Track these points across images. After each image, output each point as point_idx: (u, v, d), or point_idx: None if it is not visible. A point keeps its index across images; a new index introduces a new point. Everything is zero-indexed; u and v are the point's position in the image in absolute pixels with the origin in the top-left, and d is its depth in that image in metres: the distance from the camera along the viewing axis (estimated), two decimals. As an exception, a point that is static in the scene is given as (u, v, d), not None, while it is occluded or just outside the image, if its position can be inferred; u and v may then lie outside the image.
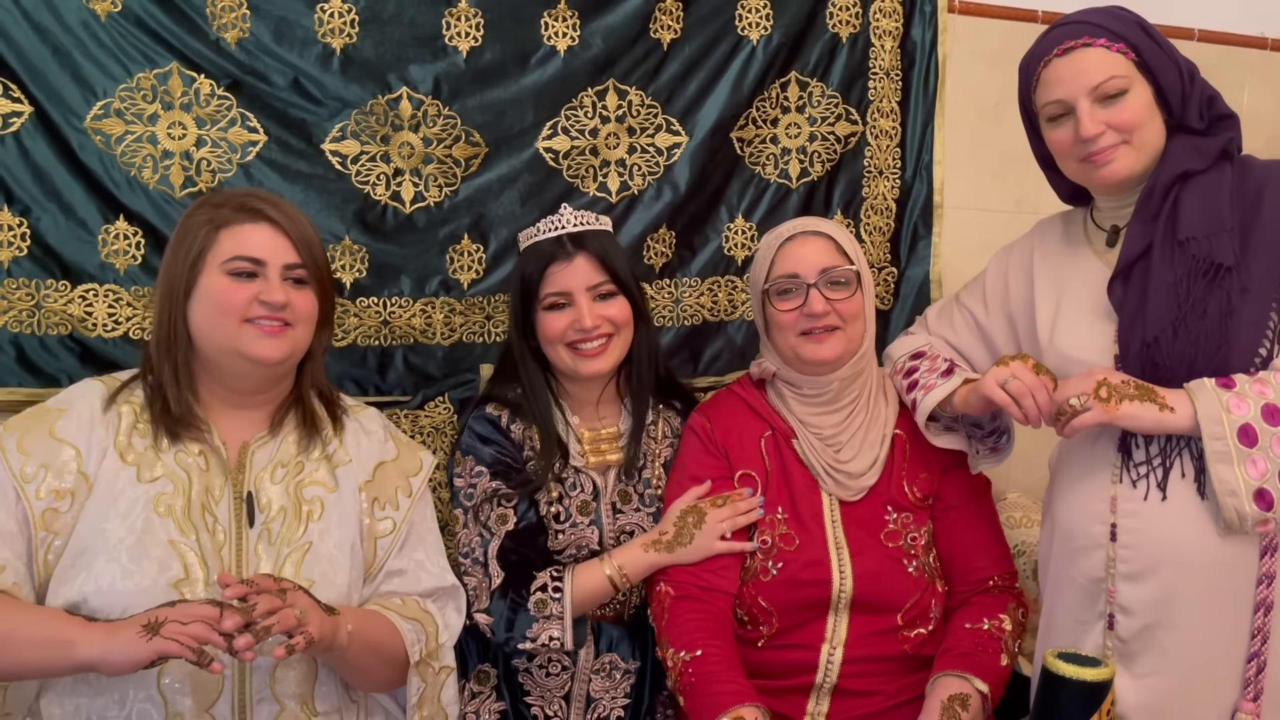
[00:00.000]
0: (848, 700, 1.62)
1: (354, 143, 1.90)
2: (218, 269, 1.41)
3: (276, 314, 1.41)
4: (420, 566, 1.55)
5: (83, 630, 1.25)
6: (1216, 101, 1.51)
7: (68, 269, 1.81)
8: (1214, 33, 2.51)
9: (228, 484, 1.41)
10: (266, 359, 1.40)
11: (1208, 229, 1.41)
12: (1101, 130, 1.46)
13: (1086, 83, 1.45)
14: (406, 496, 1.54)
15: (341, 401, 1.57)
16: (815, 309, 1.63)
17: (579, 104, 2.00)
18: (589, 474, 1.73)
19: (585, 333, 1.66)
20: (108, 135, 1.80)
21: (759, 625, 1.65)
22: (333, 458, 1.49)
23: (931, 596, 1.66)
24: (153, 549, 1.34)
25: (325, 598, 1.40)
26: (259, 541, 1.40)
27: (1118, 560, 1.45)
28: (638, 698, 1.72)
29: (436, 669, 1.51)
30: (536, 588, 1.62)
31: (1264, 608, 1.39)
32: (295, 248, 1.44)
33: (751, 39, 2.09)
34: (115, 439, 1.39)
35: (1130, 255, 1.47)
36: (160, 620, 1.21)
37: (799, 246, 1.68)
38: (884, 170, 2.22)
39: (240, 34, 1.84)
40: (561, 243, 1.68)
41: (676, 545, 1.65)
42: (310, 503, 1.45)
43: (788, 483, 1.68)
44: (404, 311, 1.96)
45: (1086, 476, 1.51)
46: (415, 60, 1.91)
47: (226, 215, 1.43)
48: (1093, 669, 1.32)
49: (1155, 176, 1.47)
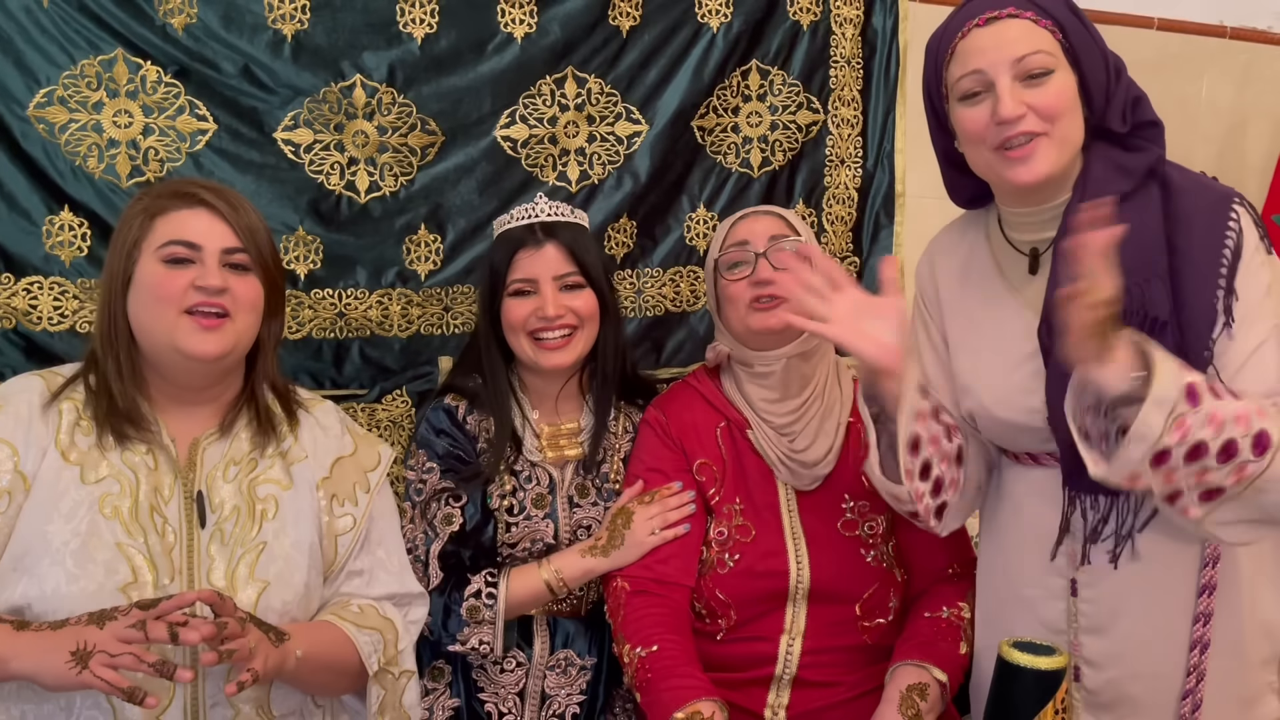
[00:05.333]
0: (808, 691, 1.62)
1: (307, 131, 1.87)
2: (152, 256, 1.35)
3: (213, 299, 1.34)
4: (380, 566, 1.51)
5: (12, 645, 1.21)
6: (1142, 104, 1.38)
7: (11, 261, 1.77)
8: (1173, 21, 2.52)
9: (178, 483, 1.37)
10: (203, 355, 1.34)
11: (1140, 274, 1.28)
12: (1023, 112, 1.31)
13: (1009, 54, 1.31)
14: (365, 492, 1.49)
15: (296, 395, 1.52)
16: (763, 275, 1.63)
17: (537, 92, 1.98)
18: (545, 468, 1.71)
19: (548, 321, 1.64)
20: (51, 124, 1.76)
21: (717, 618, 1.64)
22: (287, 454, 1.44)
23: (890, 586, 1.66)
24: (99, 552, 1.29)
25: (281, 599, 1.36)
26: (211, 542, 1.35)
27: (1079, 614, 1.40)
28: (593, 694, 1.71)
29: (396, 674, 1.47)
30: (470, 593, 1.61)
31: (1200, 646, 1.37)
32: (235, 232, 1.37)
33: (711, 26, 2.07)
34: (56, 437, 1.34)
35: (1057, 298, 1.28)
36: (89, 649, 1.18)
37: (749, 222, 1.70)
38: (846, 159, 2.21)
39: (187, 19, 1.80)
40: (532, 230, 1.67)
41: (611, 548, 1.65)
42: (264, 501, 1.40)
43: (743, 474, 1.67)
44: (360, 303, 1.93)
45: (1036, 526, 1.42)
46: (369, 47, 1.89)
47: (162, 203, 1.38)
48: (1047, 657, 1.32)
49: (1078, 199, 1.33)
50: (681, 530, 1.65)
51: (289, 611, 1.38)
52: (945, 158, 1.49)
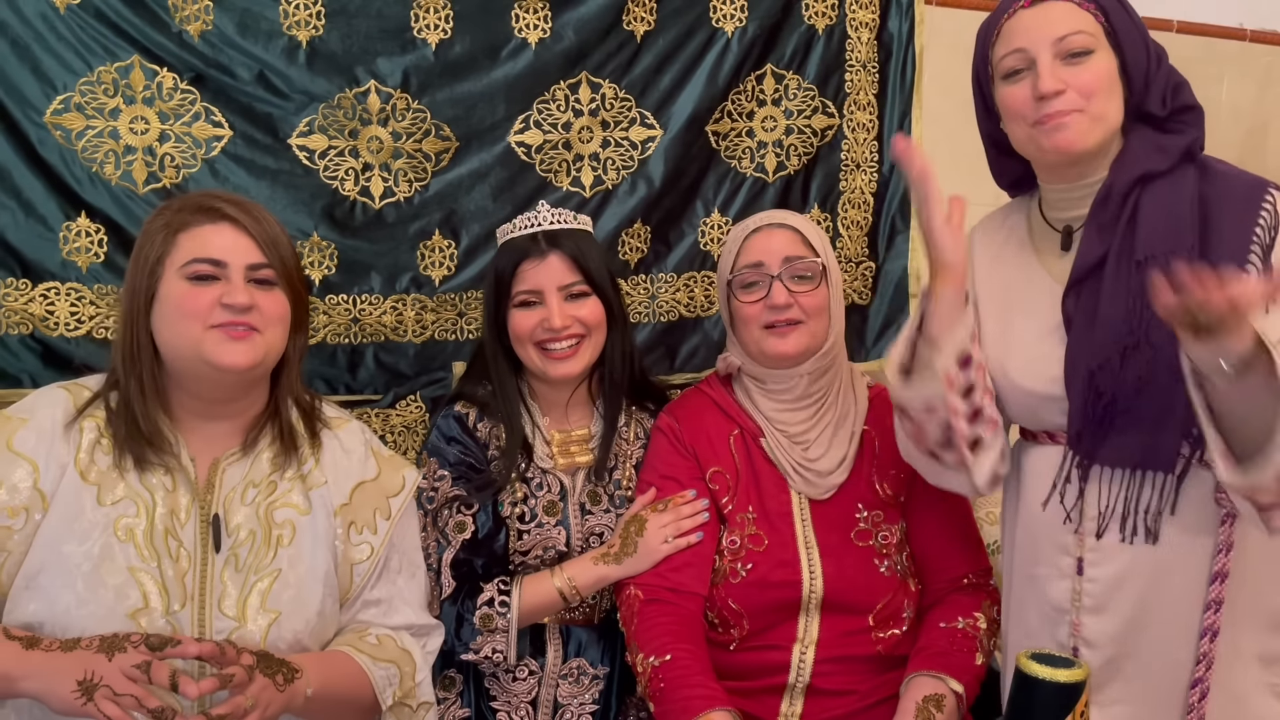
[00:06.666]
0: (822, 700, 1.61)
1: (321, 137, 1.87)
2: (176, 274, 1.32)
3: (241, 318, 1.31)
4: (399, 596, 1.47)
5: (22, 665, 1.21)
6: (1183, 90, 1.43)
7: (28, 267, 1.78)
8: (1193, 24, 2.50)
9: (195, 505, 1.34)
10: (234, 366, 1.31)
11: (1167, 246, 1.32)
12: (1061, 89, 1.36)
13: (1051, 33, 1.37)
14: (385, 519, 1.45)
15: (322, 414, 1.48)
16: (778, 300, 1.61)
17: (551, 97, 1.98)
18: (556, 475, 1.71)
19: (554, 333, 1.63)
20: (68, 130, 1.77)
21: (730, 628, 1.63)
22: (307, 478, 1.41)
23: (904, 596, 1.64)
24: (110, 577, 1.28)
25: (293, 629, 1.34)
26: (225, 568, 1.33)
27: (1083, 594, 1.41)
28: (606, 703, 1.70)
29: (414, 706, 1.44)
30: (483, 601, 1.60)
31: (1210, 633, 1.36)
32: (259, 247, 1.34)
33: (726, 31, 2.06)
34: (76, 456, 1.32)
35: (1084, 266, 1.38)
36: (96, 681, 1.17)
37: (764, 238, 1.66)
38: (861, 164, 2.20)
39: (203, 26, 1.80)
40: (536, 240, 1.65)
41: (623, 556, 1.64)
42: (281, 526, 1.37)
43: (756, 482, 1.66)
44: (374, 309, 1.93)
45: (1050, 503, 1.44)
46: (383, 53, 1.89)
47: (184, 218, 1.34)
48: (1066, 670, 1.30)
49: (1114, 175, 1.39)
50: (694, 539, 1.64)
51: (300, 641, 1.36)
52: (991, 141, 1.54)
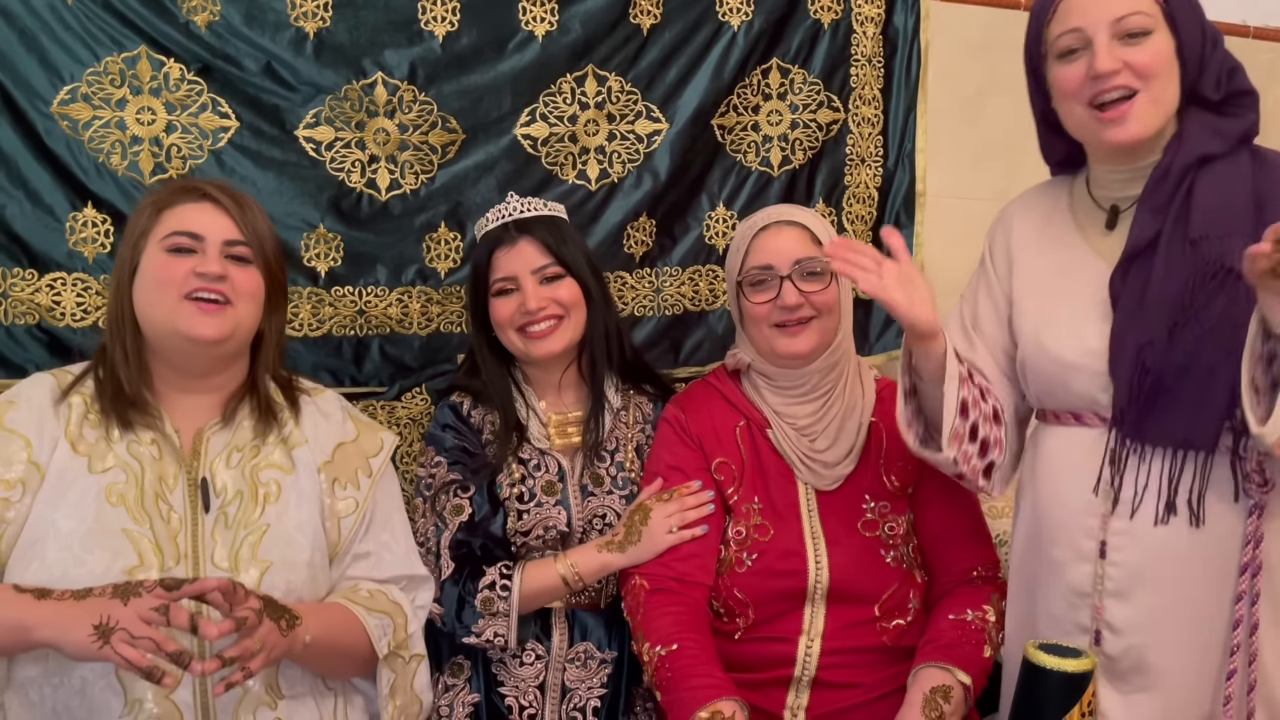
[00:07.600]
0: (827, 692, 1.61)
1: (328, 129, 1.87)
2: (157, 246, 1.40)
3: (213, 285, 1.38)
4: (385, 548, 1.53)
5: (36, 614, 1.23)
6: (1238, 74, 1.41)
7: (35, 257, 1.78)
8: (1197, 21, 2.50)
9: (182, 471, 1.40)
10: (204, 338, 1.38)
11: (1222, 229, 1.32)
12: (1118, 68, 1.35)
13: (1109, 14, 1.35)
14: (367, 476, 1.52)
15: (299, 384, 1.55)
16: (789, 301, 1.61)
17: (558, 90, 1.98)
18: (554, 455, 1.73)
19: (531, 315, 1.67)
20: (75, 120, 1.76)
21: (735, 618, 1.63)
22: (289, 440, 1.47)
23: (910, 587, 1.65)
24: (105, 538, 1.32)
25: (285, 579, 1.38)
26: (215, 526, 1.38)
27: (1105, 578, 1.40)
28: (615, 689, 1.70)
29: (407, 658, 1.50)
30: (485, 584, 1.62)
31: (1244, 625, 1.35)
32: (238, 226, 1.42)
33: (732, 25, 2.06)
34: (66, 429, 1.38)
35: (1136, 245, 1.37)
36: (112, 625, 1.19)
37: (772, 237, 1.66)
38: (866, 158, 2.20)
39: (210, 17, 1.80)
40: (507, 229, 1.71)
41: (627, 544, 1.65)
42: (266, 485, 1.43)
43: (762, 473, 1.67)
44: (380, 301, 1.93)
45: (1073, 486, 1.43)
46: (390, 45, 1.88)
47: (170, 197, 1.43)
48: (1074, 660, 1.30)
49: (1170, 156, 1.38)
50: (699, 531, 1.64)
51: (294, 591, 1.40)
52: (1042, 119, 1.53)
